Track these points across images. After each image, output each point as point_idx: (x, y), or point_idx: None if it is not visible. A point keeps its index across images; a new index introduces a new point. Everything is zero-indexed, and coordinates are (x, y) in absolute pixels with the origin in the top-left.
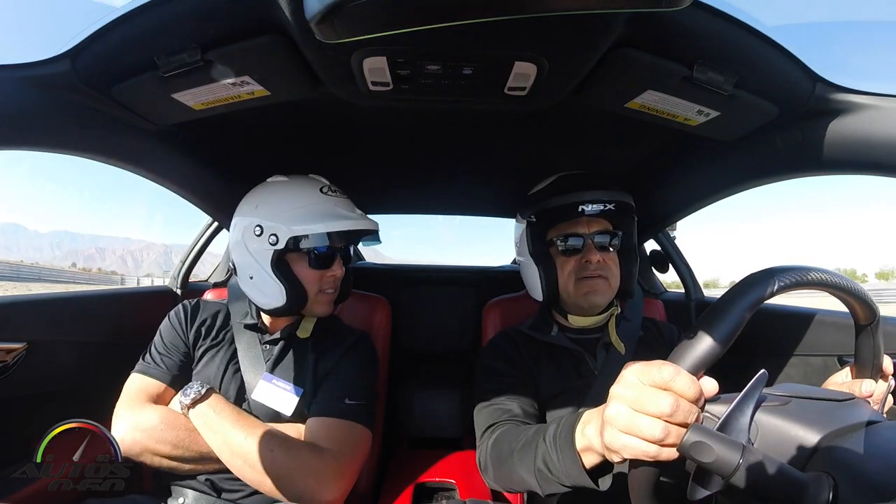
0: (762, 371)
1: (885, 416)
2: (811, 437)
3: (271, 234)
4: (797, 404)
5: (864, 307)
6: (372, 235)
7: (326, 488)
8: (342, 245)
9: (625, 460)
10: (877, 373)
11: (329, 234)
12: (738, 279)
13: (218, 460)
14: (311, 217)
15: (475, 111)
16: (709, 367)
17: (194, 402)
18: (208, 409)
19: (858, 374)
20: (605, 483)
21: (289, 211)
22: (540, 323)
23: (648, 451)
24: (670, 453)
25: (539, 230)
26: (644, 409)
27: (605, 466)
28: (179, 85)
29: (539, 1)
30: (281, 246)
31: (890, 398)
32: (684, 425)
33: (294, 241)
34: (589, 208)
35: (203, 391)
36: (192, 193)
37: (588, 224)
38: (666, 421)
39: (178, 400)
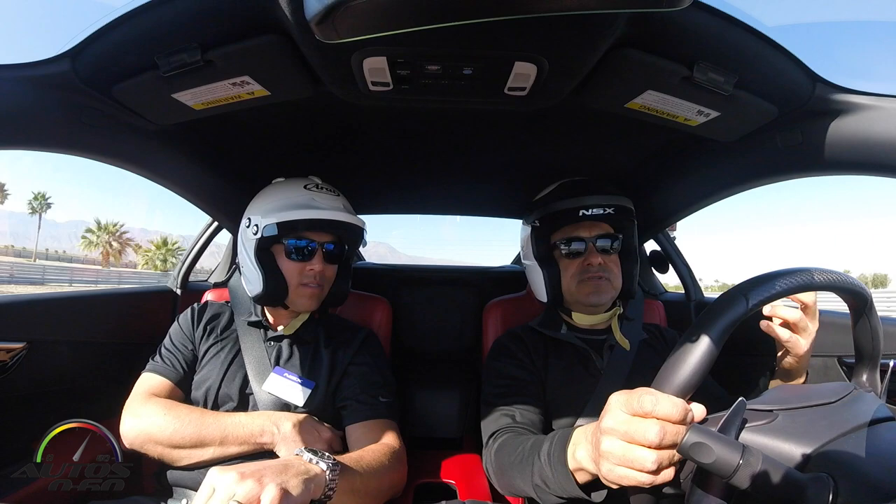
0: (740, 399)
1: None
2: (803, 452)
3: (254, 225)
4: (785, 418)
5: (853, 294)
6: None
7: (401, 486)
8: (326, 241)
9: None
10: (877, 360)
11: (303, 226)
12: None
13: (214, 451)
14: (283, 208)
15: (475, 111)
16: (695, 388)
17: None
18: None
19: (858, 360)
20: (598, 496)
21: (270, 204)
22: (548, 320)
23: (643, 481)
24: (666, 476)
25: (543, 234)
26: (634, 440)
27: (598, 481)
28: (179, 85)
29: (539, 1)
30: (259, 235)
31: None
32: (676, 446)
33: (270, 230)
34: (590, 212)
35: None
36: (192, 193)
37: (589, 228)
38: (656, 448)
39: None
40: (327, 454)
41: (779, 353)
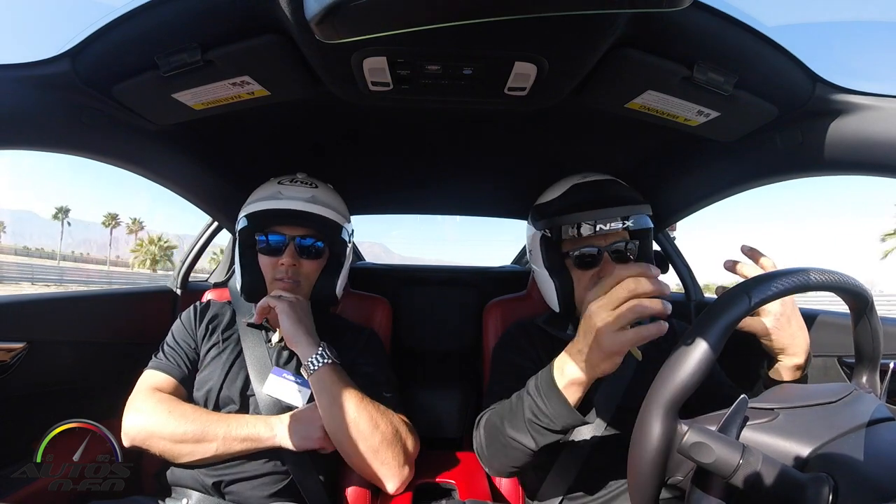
0: (742, 396)
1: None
2: (804, 451)
3: (237, 224)
4: (786, 417)
5: (854, 294)
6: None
7: (399, 480)
8: (298, 234)
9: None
10: (877, 361)
11: (269, 219)
12: None
13: (217, 447)
14: (253, 201)
15: (475, 111)
16: (695, 387)
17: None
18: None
19: (859, 361)
20: (591, 417)
21: (249, 199)
22: (556, 319)
23: (642, 334)
24: (660, 327)
25: (553, 244)
26: (619, 299)
27: (586, 401)
28: (180, 85)
29: (539, 1)
30: (237, 229)
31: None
32: (658, 294)
33: (242, 223)
34: (607, 227)
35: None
36: (192, 193)
37: (605, 236)
38: (636, 297)
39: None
40: (333, 359)
41: (763, 343)
